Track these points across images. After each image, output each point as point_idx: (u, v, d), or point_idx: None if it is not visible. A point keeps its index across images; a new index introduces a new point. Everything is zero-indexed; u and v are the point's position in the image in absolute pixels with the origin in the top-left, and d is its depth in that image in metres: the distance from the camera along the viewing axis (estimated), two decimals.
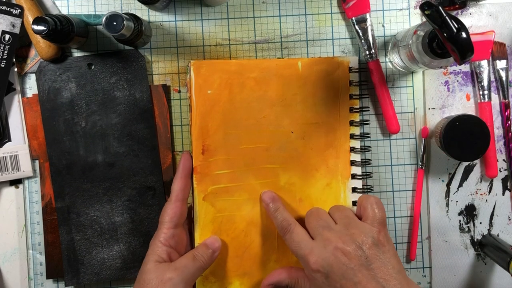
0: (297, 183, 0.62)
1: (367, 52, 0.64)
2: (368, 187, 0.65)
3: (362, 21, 0.64)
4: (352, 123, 0.63)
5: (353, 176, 0.63)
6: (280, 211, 0.58)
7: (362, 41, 0.64)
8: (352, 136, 0.63)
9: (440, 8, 0.48)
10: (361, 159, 0.63)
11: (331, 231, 0.52)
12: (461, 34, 0.48)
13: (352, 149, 0.63)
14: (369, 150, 0.65)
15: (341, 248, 0.50)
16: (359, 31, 0.64)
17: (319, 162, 0.62)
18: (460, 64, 0.50)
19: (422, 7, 0.49)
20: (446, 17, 0.48)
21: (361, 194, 0.62)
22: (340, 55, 0.65)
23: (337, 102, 0.62)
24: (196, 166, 0.61)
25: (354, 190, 0.62)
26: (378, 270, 0.49)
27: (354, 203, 0.62)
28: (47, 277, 0.64)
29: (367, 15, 0.64)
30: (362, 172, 0.63)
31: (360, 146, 0.63)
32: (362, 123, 0.64)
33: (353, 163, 0.63)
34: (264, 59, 0.65)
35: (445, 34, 0.48)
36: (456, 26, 0.48)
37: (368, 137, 0.65)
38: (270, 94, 0.62)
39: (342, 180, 0.62)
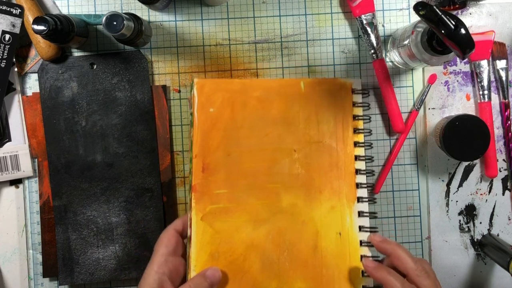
0: (300, 205, 0.59)
1: (372, 51, 0.64)
2: (374, 214, 0.63)
3: (368, 20, 0.64)
4: (356, 144, 0.61)
5: (359, 199, 0.60)
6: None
7: (368, 39, 0.64)
8: (357, 158, 0.61)
9: (434, 6, 0.48)
10: (367, 181, 0.61)
11: None
12: (459, 29, 0.48)
13: (357, 171, 0.61)
14: (374, 175, 0.64)
15: None
16: (367, 29, 0.64)
17: (323, 183, 0.60)
18: (463, 59, 0.50)
19: (416, 8, 0.49)
20: (442, 15, 0.48)
21: (367, 220, 0.60)
22: (342, 77, 0.64)
23: (340, 122, 0.61)
24: (195, 185, 0.59)
25: (360, 214, 0.60)
26: None
27: (360, 228, 0.60)
28: (44, 276, 0.64)
29: (373, 13, 0.64)
30: (368, 194, 0.61)
31: (366, 168, 0.61)
32: (367, 145, 0.63)
33: (358, 185, 0.61)
34: (266, 78, 0.64)
35: (443, 32, 0.48)
36: (453, 22, 0.48)
37: (372, 160, 0.64)
38: (273, 112, 0.61)
39: (348, 203, 0.60)
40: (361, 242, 0.59)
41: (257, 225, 0.59)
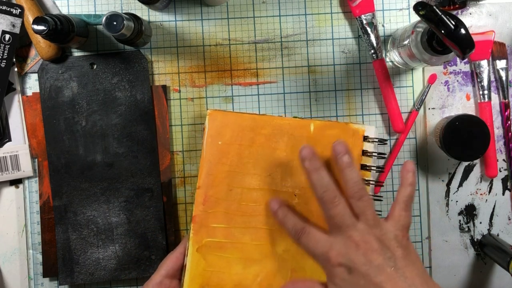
0: (293, 252, 0.58)
1: (372, 51, 0.64)
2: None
3: (368, 20, 0.64)
4: None
5: None
6: (290, 216, 0.53)
7: (368, 39, 0.64)
8: None
9: (434, 6, 0.48)
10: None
11: (353, 230, 0.49)
12: (459, 29, 0.48)
13: None
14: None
15: (363, 246, 0.47)
16: (367, 29, 0.64)
17: None
18: (463, 59, 0.50)
19: (416, 8, 0.49)
20: (442, 15, 0.48)
21: None
22: (355, 122, 0.61)
23: None
24: (195, 216, 0.59)
25: None
26: (404, 269, 0.47)
27: None
28: (44, 276, 0.64)
29: (373, 13, 0.64)
30: None
31: None
32: (375, 198, 0.59)
33: None
34: (277, 116, 0.62)
35: (443, 32, 0.48)
36: (453, 22, 0.48)
37: (379, 215, 0.56)
38: (279, 153, 0.60)
39: None
40: None
41: (248, 264, 0.58)
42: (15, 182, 0.65)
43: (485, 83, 0.65)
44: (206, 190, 0.59)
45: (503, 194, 0.66)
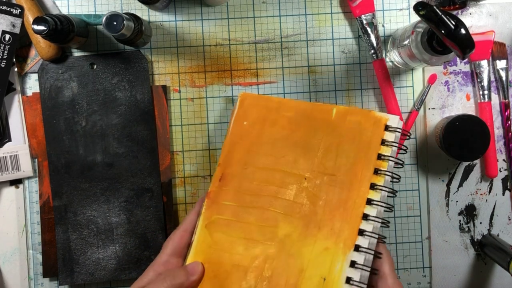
0: (294, 237, 0.55)
1: (372, 51, 0.64)
2: (374, 270, 0.53)
3: (368, 20, 0.64)
4: (373, 186, 0.54)
5: (357, 248, 0.52)
6: None
7: (368, 39, 0.64)
8: (369, 202, 0.53)
9: (434, 6, 0.48)
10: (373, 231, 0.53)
11: None
12: (459, 29, 0.48)
13: (365, 217, 0.53)
14: (387, 226, 0.53)
15: None
16: (367, 29, 0.64)
17: (325, 220, 0.55)
18: (463, 59, 0.50)
19: (416, 8, 0.49)
20: (442, 15, 0.48)
21: (359, 273, 0.51)
22: (379, 112, 0.58)
23: (361, 159, 0.56)
24: (211, 192, 0.58)
25: (352, 264, 0.52)
26: None
27: (348, 280, 0.51)
28: (44, 276, 0.64)
29: (373, 14, 0.64)
30: (368, 245, 0.52)
31: (377, 216, 0.53)
32: (387, 191, 0.54)
33: (361, 232, 0.53)
34: (302, 101, 0.61)
35: (443, 32, 0.48)
36: (453, 22, 0.48)
37: (391, 210, 0.54)
38: (297, 134, 0.59)
39: (344, 249, 0.53)
40: None
41: (249, 245, 0.57)
42: (15, 182, 0.65)
43: (485, 83, 0.65)
44: (224, 168, 0.59)
45: (503, 194, 0.66)
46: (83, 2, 0.65)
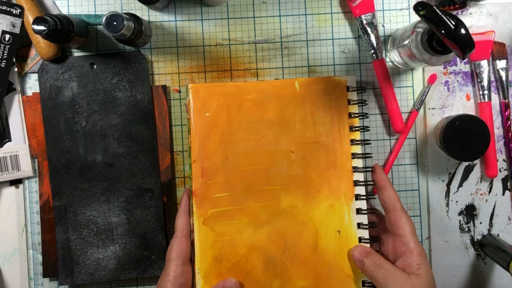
0: (299, 206, 0.60)
1: (372, 51, 0.64)
2: (373, 210, 0.63)
3: (368, 20, 0.64)
4: (353, 142, 0.61)
5: (357, 197, 0.60)
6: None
7: (368, 39, 0.64)
8: (354, 156, 0.61)
9: (434, 6, 0.48)
10: (365, 179, 0.62)
11: None
12: (459, 29, 0.48)
13: (355, 169, 0.61)
14: (371, 171, 0.62)
15: None
16: (367, 29, 0.64)
17: (321, 182, 0.60)
18: (463, 59, 0.50)
19: (416, 8, 0.49)
20: (442, 15, 0.48)
21: (365, 216, 0.60)
22: (337, 75, 0.64)
23: (336, 121, 0.61)
24: (196, 189, 0.60)
25: (358, 211, 0.60)
26: None
27: (359, 225, 0.60)
28: (44, 276, 0.64)
29: (373, 13, 0.64)
30: (366, 191, 0.62)
31: (363, 165, 0.61)
32: (364, 142, 0.62)
33: (356, 183, 0.61)
34: (261, 81, 0.64)
35: (443, 32, 0.48)
36: (453, 22, 0.48)
37: (370, 157, 0.64)
38: (268, 114, 0.61)
39: (346, 201, 0.60)
40: (360, 239, 0.60)
41: (258, 227, 0.60)
42: (15, 182, 0.65)
43: (485, 83, 0.65)
44: (202, 163, 0.60)
45: (503, 194, 0.66)
46: (83, 2, 0.65)
